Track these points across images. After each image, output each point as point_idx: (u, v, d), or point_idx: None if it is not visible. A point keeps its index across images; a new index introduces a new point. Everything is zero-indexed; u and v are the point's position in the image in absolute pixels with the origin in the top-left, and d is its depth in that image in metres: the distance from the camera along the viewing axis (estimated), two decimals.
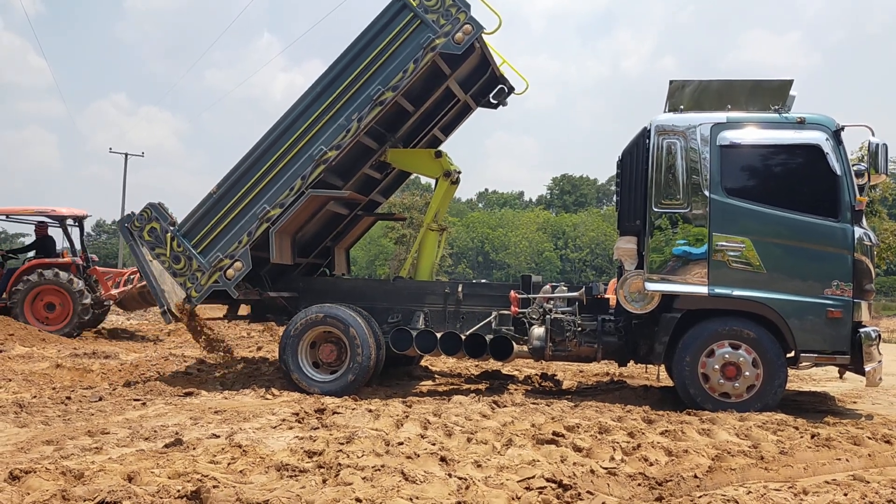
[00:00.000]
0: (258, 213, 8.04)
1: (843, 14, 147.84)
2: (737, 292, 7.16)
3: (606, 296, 8.26)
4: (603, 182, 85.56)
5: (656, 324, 7.47)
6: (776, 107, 7.44)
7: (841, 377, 7.84)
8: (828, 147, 7.06)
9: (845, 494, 4.14)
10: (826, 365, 7.41)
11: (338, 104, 7.96)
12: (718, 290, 7.19)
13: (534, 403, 7.21)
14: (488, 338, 8.03)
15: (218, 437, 5.50)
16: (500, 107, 9.86)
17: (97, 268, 14.80)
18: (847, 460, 5.06)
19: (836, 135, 7.11)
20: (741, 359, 7.08)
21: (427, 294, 8.62)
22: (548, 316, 7.94)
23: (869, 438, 5.69)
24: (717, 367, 7.11)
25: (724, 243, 7.17)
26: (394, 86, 7.81)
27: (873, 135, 7.10)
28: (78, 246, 14.89)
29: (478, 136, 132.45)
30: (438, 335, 8.11)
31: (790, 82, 7.59)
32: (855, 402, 8.33)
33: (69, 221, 14.96)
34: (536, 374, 9.72)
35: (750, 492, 4.22)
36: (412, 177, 12.95)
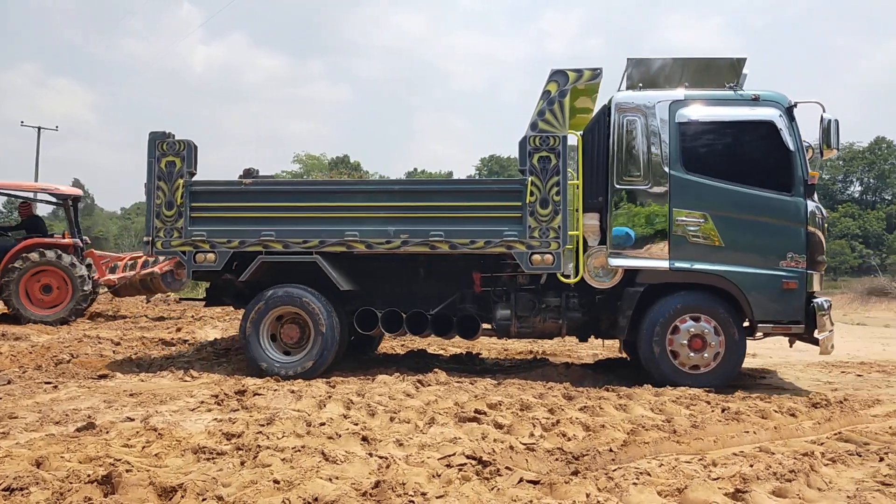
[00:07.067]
0: (262, 234, 7.75)
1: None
2: (697, 266, 7.36)
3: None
4: None
5: (619, 298, 7.63)
6: (731, 84, 7.62)
7: (791, 346, 8.14)
8: (781, 123, 7.27)
9: (751, 465, 4.30)
10: (781, 335, 7.61)
11: (399, 213, 7.64)
12: (679, 264, 7.38)
13: (458, 382, 7.26)
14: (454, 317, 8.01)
15: (133, 420, 5.35)
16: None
17: (93, 251, 14.19)
18: (755, 433, 5.28)
19: (788, 111, 7.33)
20: (705, 330, 7.32)
21: (391, 274, 8.35)
22: (512, 294, 8.00)
23: (775, 412, 5.96)
24: (683, 342, 7.33)
25: (684, 218, 7.36)
26: (453, 244, 7.56)
27: (825, 111, 7.26)
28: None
29: (406, 114, 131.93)
30: (404, 315, 8.03)
31: (744, 60, 7.72)
32: (764, 378, 8.68)
33: (69, 202, 14.14)
34: (462, 353, 9.78)
35: (662, 464, 4.36)
36: None
